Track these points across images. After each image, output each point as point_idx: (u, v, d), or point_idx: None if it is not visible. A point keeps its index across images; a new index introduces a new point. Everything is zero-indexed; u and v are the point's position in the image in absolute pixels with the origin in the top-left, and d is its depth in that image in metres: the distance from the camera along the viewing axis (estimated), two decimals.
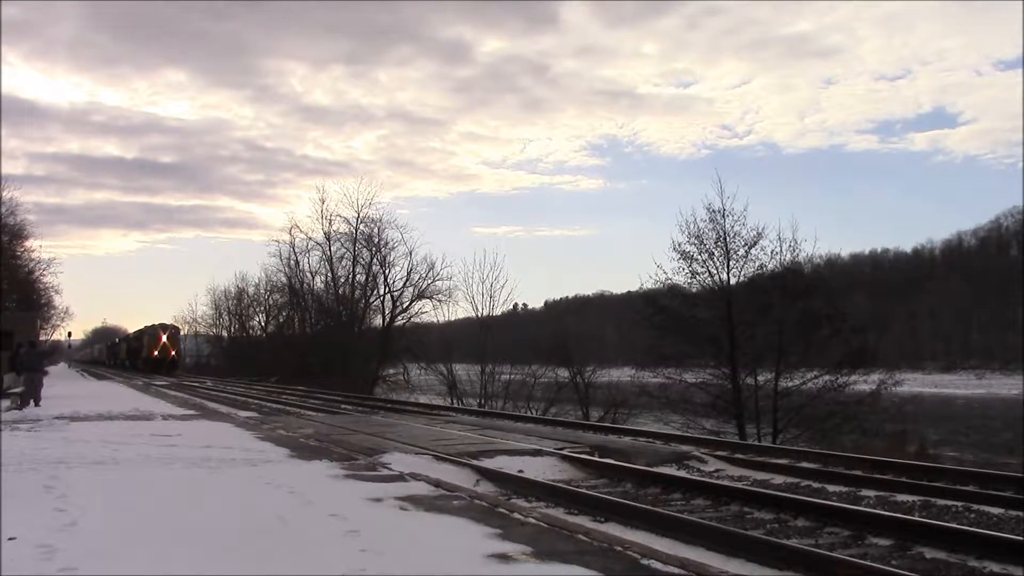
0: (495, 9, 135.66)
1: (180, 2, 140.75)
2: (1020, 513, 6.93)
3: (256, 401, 25.98)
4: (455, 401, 35.94)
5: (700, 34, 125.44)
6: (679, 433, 18.43)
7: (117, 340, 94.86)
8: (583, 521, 7.05)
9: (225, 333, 77.43)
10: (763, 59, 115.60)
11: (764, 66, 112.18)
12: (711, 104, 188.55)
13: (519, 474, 9.46)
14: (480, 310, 40.56)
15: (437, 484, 8.54)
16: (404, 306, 49.02)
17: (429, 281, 47.32)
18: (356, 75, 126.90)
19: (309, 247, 55.01)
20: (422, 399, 36.15)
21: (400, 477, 9.09)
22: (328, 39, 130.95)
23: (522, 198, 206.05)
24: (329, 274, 53.50)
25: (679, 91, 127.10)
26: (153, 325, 66.06)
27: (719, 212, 25.36)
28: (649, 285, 27.36)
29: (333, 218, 53.27)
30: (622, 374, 34.03)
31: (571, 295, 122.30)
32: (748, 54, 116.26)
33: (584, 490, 8.58)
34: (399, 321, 49.18)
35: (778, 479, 9.05)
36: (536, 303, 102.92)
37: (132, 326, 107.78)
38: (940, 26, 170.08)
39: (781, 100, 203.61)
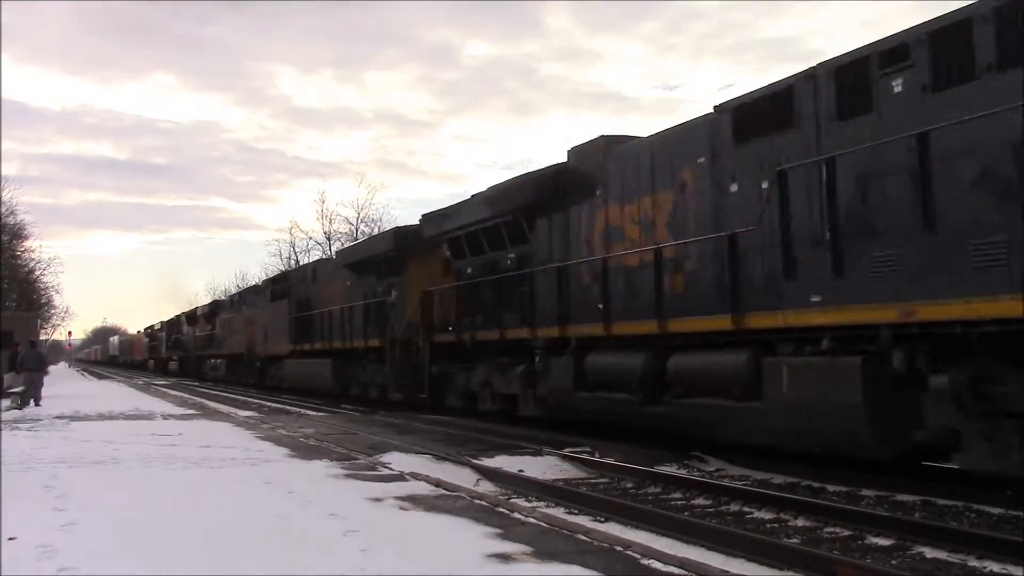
0: (478, 13, 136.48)
1: (166, 3, 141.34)
2: (1020, 513, 6.92)
3: (256, 401, 25.97)
4: None
5: (683, 37, 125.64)
6: None
7: (224, 301, 42.16)
8: (583, 521, 7.05)
9: None
10: (746, 62, 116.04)
11: (748, 68, 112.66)
12: (699, 106, 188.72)
13: (519, 473, 9.46)
14: None
15: (437, 484, 8.55)
16: None
17: None
18: (344, 78, 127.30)
19: (309, 247, 54.52)
20: None
21: (400, 476, 9.09)
22: (315, 42, 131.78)
23: None
24: None
25: (666, 94, 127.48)
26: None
27: None
28: None
29: (334, 218, 52.81)
30: None
31: None
32: (731, 57, 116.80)
33: (584, 490, 8.58)
34: None
35: (778, 478, 9.04)
36: None
37: (132, 326, 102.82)
38: None
39: None
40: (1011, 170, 6.68)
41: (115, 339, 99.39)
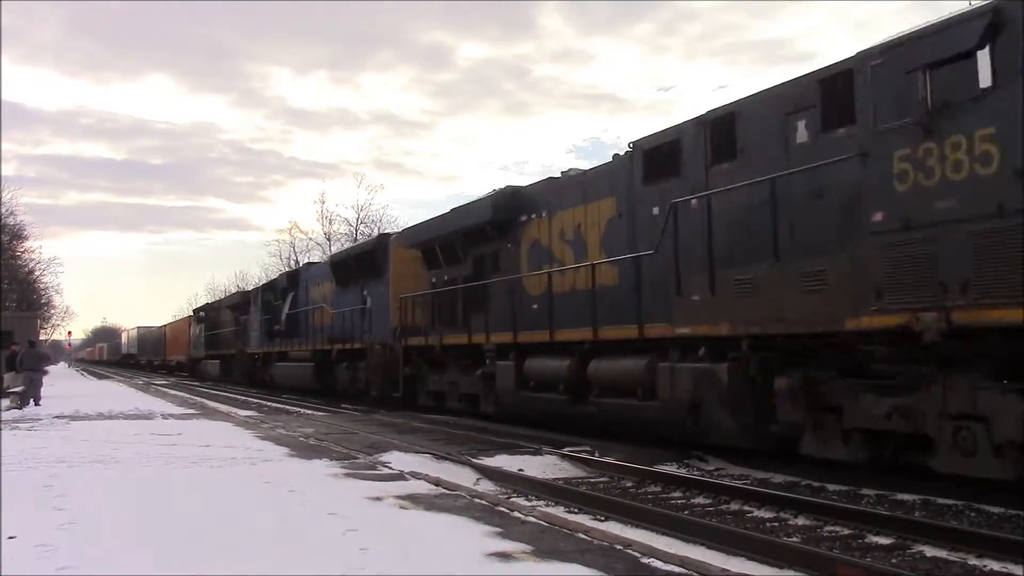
0: (472, 15, 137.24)
1: (162, 4, 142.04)
2: (1020, 512, 6.92)
3: (256, 400, 25.98)
4: None
5: (677, 39, 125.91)
6: None
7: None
8: (583, 520, 7.05)
9: None
10: (740, 63, 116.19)
11: (742, 70, 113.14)
12: (693, 107, 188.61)
13: (519, 472, 9.46)
14: None
15: (437, 483, 8.55)
16: None
17: None
18: (340, 80, 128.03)
19: (309, 247, 54.19)
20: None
21: (400, 476, 9.09)
22: (309, 44, 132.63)
23: None
24: None
25: (660, 95, 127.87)
26: None
27: None
28: None
29: (333, 218, 52.58)
30: None
31: None
32: (725, 58, 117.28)
33: (584, 489, 8.58)
34: None
35: (778, 477, 9.04)
36: None
37: (131, 326, 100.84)
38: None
39: None
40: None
41: (132, 332, 74.92)
